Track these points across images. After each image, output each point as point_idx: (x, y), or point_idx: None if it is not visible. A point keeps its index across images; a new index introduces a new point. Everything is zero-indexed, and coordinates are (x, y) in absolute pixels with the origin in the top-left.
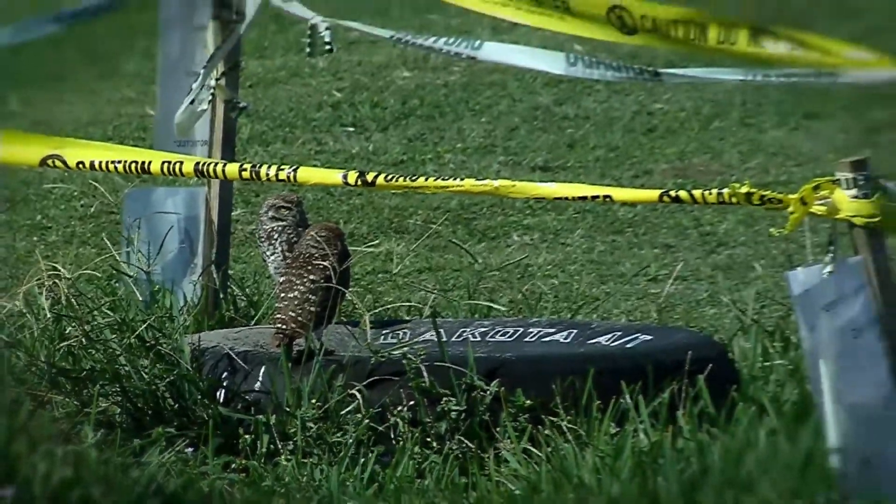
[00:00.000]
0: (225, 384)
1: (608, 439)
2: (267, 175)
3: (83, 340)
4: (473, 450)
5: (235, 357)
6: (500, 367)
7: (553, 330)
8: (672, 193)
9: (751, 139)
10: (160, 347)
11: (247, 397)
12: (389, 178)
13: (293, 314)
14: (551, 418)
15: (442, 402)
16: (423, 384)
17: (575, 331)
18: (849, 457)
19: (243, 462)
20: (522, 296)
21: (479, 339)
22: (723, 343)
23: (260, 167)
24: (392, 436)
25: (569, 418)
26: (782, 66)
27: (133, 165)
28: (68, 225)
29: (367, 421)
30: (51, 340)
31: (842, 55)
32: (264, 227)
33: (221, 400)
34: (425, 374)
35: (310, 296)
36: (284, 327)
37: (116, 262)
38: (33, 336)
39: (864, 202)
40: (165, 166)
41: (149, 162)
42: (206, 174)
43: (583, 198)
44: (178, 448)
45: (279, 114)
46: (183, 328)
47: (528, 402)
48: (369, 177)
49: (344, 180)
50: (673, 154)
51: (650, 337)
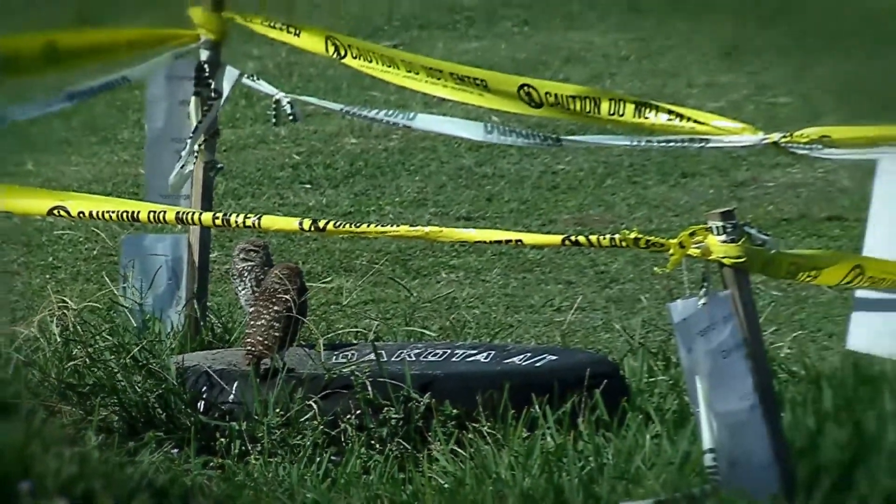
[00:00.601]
0: (204, 396)
1: (521, 442)
2: (236, 222)
3: (87, 360)
4: (410, 451)
5: (213, 374)
6: (432, 383)
7: (475, 351)
8: (573, 238)
9: (637, 194)
10: (151, 366)
11: (222, 407)
12: (338, 226)
13: (260, 338)
14: (474, 425)
15: (383, 412)
16: (368, 396)
17: (493, 352)
18: (719, 456)
19: (220, 461)
20: (450, 323)
21: (414, 359)
22: (615, 362)
23: (230, 215)
24: (342, 439)
25: (488, 425)
26: (662, 134)
27: (125, 214)
28: (74, 265)
29: (322, 427)
30: (60, 360)
31: (711, 124)
32: (236, 267)
33: (201, 409)
34: (370, 388)
35: (274, 323)
36: (253, 349)
37: (114, 296)
38: (45, 357)
39: (732, 246)
40: (151, 215)
41: (138, 212)
42: (186, 222)
43: (498, 242)
44: (166, 449)
45: (248, 173)
46: (169, 350)
47: (455, 412)
48: (322, 224)
49: (301, 227)
50: (573, 206)
51: (555, 357)
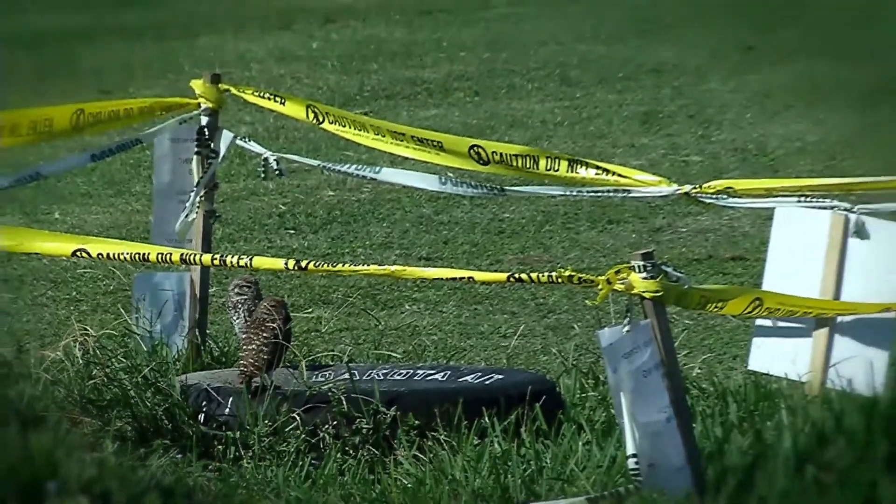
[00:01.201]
0: (204, 410)
1: (472, 448)
2: (232, 262)
3: (104, 379)
4: (378, 456)
5: (211, 391)
6: (397, 398)
7: (434, 371)
8: (516, 276)
9: (570, 238)
10: (159, 384)
11: (219, 419)
12: (318, 265)
13: (252, 360)
14: (433, 433)
15: (356, 423)
16: (343, 410)
17: (449, 372)
18: (641, 460)
19: (217, 464)
20: (412, 348)
21: (382, 378)
22: (552, 381)
23: (226, 256)
24: (321, 446)
25: (445, 434)
26: (591, 186)
27: (137, 256)
28: (94, 298)
29: (304, 436)
30: (82, 379)
31: (633, 178)
32: (231, 300)
33: (202, 421)
34: (344, 403)
35: (263, 348)
36: (246, 370)
37: (128, 325)
38: (69, 376)
39: (651, 282)
40: (160, 256)
41: (148, 253)
42: (189, 262)
43: (453, 278)
44: (171, 455)
45: (242, 221)
46: (175, 370)
47: (416, 423)
48: (304, 264)
49: (286, 266)
50: (516, 248)
51: (502, 376)
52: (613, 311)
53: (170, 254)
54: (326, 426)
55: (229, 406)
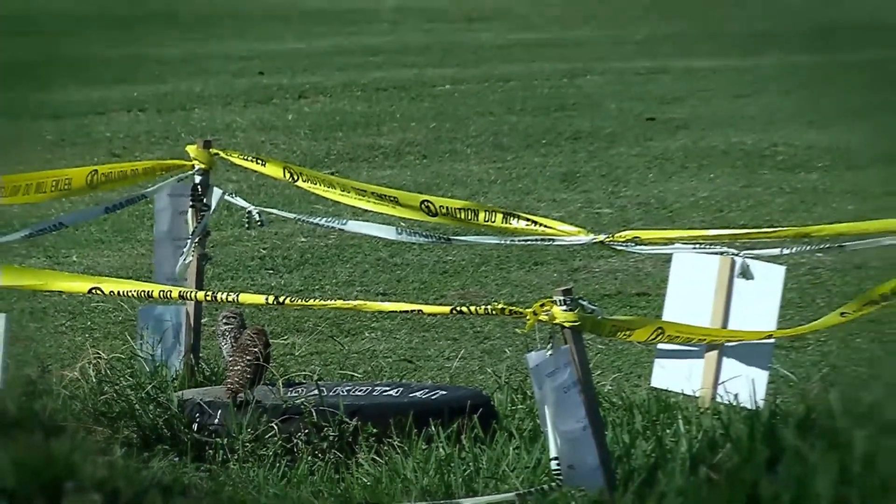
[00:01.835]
0: (197, 420)
1: (421, 452)
2: (221, 298)
3: (114, 395)
4: (342, 459)
5: (203, 404)
6: (358, 410)
7: (389, 388)
8: (458, 308)
9: (503, 277)
10: (159, 399)
11: (210, 428)
12: (293, 300)
13: (237, 379)
14: (388, 440)
15: (324, 431)
16: (313, 420)
17: (402, 388)
18: (562, 462)
19: (208, 466)
20: (371, 368)
21: (346, 394)
22: (488, 396)
23: (217, 293)
24: (295, 451)
25: (398, 440)
26: (522, 235)
27: (142, 292)
28: (106, 327)
29: (280, 442)
30: (95, 395)
31: (556, 228)
32: (220, 329)
33: (195, 429)
34: (314, 414)
35: (247, 368)
36: (232, 387)
37: (134, 349)
38: (84, 392)
39: (570, 313)
40: (161, 293)
41: (151, 290)
42: (185, 297)
43: (405, 311)
44: (170, 458)
45: (229, 263)
46: (173, 387)
47: (375, 431)
48: (281, 299)
49: (266, 301)
50: (458, 285)
51: (446, 392)
52: (539, 338)
53: (169, 290)
54: (299, 434)
55: (218, 417)
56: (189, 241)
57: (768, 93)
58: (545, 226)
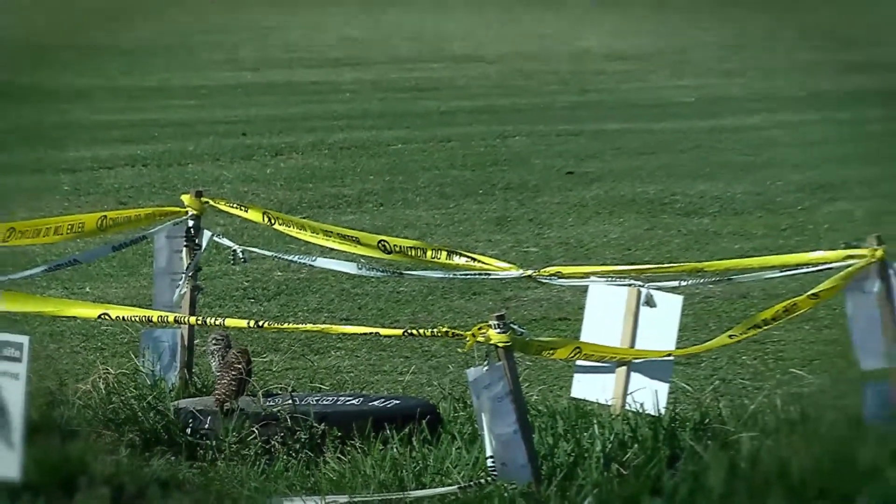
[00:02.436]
0: (191, 425)
1: (378, 452)
2: (210, 322)
3: (120, 404)
4: (312, 457)
5: (196, 412)
6: (326, 417)
7: (352, 398)
8: (409, 331)
9: (447, 304)
10: (158, 407)
11: (201, 432)
12: (271, 324)
13: (224, 391)
14: (351, 441)
15: (296, 434)
16: (288, 425)
17: (362, 398)
18: (496, 460)
19: (200, 464)
20: (336, 382)
21: (316, 403)
22: (435, 405)
23: (207, 318)
24: (272, 451)
25: (359, 442)
26: (463, 270)
27: (144, 318)
28: (114, 347)
29: (260, 443)
30: (104, 404)
31: (492, 264)
32: (209, 348)
33: (189, 433)
34: (289, 420)
35: (233, 382)
36: (220, 397)
37: (137, 366)
38: (96, 402)
39: (503, 335)
40: (160, 318)
41: (151, 316)
42: (180, 322)
43: (365, 333)
44: (167, 458)
45: (217, 293)
46: (170, 397)
47: (339, 434)
48: (261, 323)
49: (248, 325)
50: (409, 312)
51: (399, 401)
52: (477, 356)
53: (167, 316)
54: (276, 437)
55: (208, 423)
56: (184, 275)
57: (667, 152)
58: (482, 262)
